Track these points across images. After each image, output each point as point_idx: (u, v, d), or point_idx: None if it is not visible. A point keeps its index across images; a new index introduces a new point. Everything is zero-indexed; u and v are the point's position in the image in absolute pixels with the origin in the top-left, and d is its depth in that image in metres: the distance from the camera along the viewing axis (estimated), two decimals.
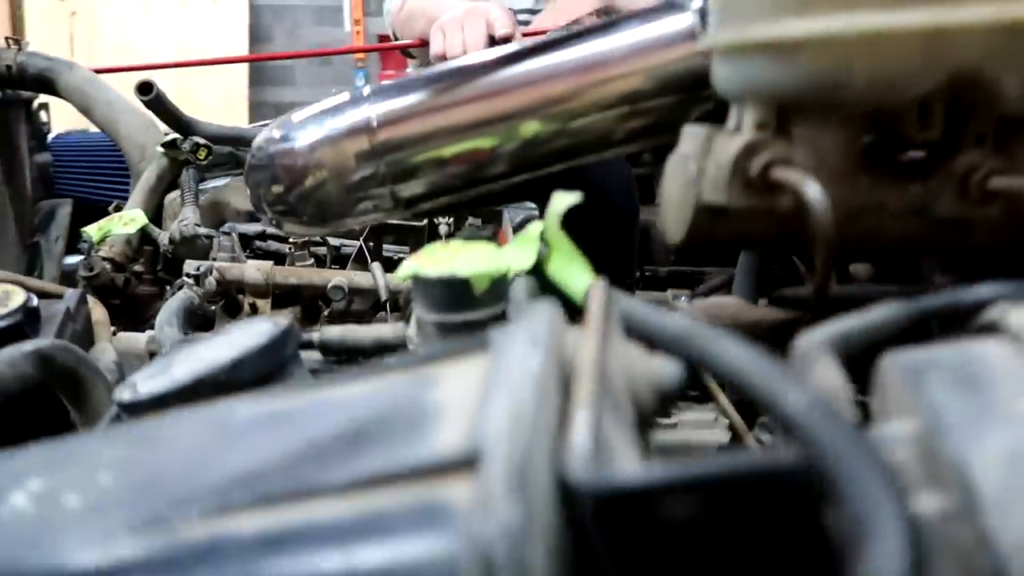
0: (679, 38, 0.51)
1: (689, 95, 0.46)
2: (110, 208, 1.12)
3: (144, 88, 0.89)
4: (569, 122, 0.52)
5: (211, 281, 0.77)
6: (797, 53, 0.35)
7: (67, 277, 1.08)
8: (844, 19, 0.34)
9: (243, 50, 5.21)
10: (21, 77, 1.05)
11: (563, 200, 0.40)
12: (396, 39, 1.73)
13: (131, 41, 4.61)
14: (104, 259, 0.94)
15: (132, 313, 0.98)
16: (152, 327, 0.92)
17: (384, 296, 0.73)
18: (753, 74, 0.37)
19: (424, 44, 1.54)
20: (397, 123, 0.52)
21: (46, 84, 1.13)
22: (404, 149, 0.51)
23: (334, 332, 0.47)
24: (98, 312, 0.67)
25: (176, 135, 1.01)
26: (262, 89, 5.54)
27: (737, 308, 0.44)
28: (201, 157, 0.97)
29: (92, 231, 0.91)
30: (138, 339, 0.71)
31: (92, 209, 1.36)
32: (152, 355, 0.69)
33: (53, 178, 1.35)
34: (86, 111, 1.10)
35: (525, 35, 1.48)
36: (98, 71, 1.28)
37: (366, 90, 0.53)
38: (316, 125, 0.53)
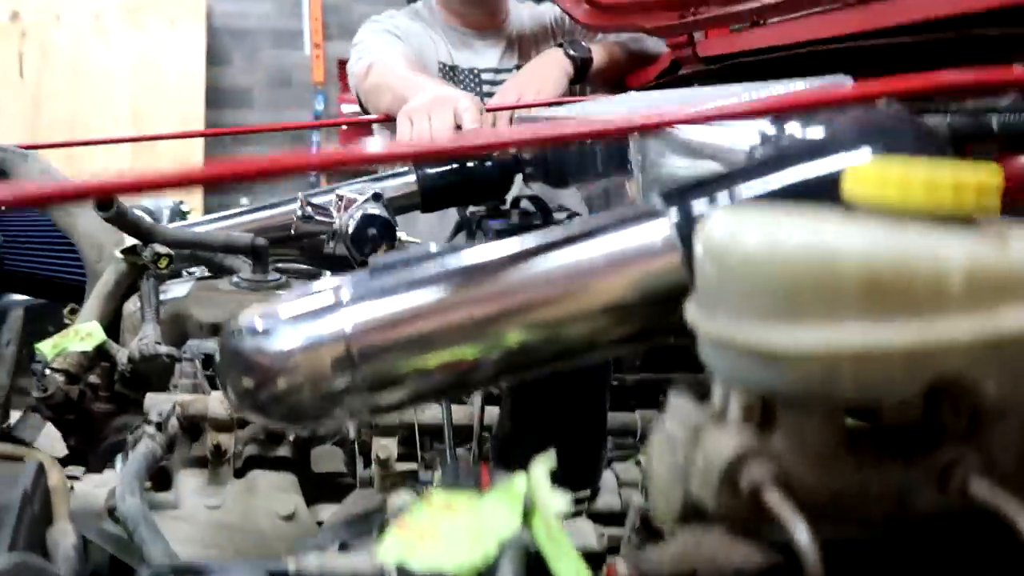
0: (659, 250, 0.52)
1: (675, 302, 0.46)
2: (64, 312, 1.09)
3: (103, 205, 0.87)
4: (554, 329, 0.51)
5: (174, 424, 0.75)
6: (783, 361, 0.35)
7: (19, 390, 1.04)
8: (830, 332, 0.35)
9: (200, 72, 5.10)
10: None
11: (544, 466, 0.40)
12: (360, 101, 1.72)
13: (84, 63, 4.50)
14: (57, 370, 0.91)
15: (87, 430, 0.95)
16: (108, 452, 0.90)
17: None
18: (739, 369, 0.37)
19: (390, 119, 1.54)
20: (375, 332, 0.51)
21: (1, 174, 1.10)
22: (383, 359, 0.51)
23: (311, 563, 0.46)
24: (55, 478, 0.64)
25: (136, 241, 0.98)
26: (219, 112, 5.44)
27: (716, 547, 0.44)
28: (162, 267, 0.95)
29: (46, 348, 0.88)
30: (96, 497, 0.68)
31: (47, 295, 1.32)
32: (111, 513, 0.67)
33: (3, 258, 1.31)
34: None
35: (488, 109, 1.48)
36: (44, 146, 1.26)
37: (345, 293, 0.52)
38: (293, 327, 0.52)
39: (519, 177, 1.09)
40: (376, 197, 0.93)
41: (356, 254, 0.92)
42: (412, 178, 1.14)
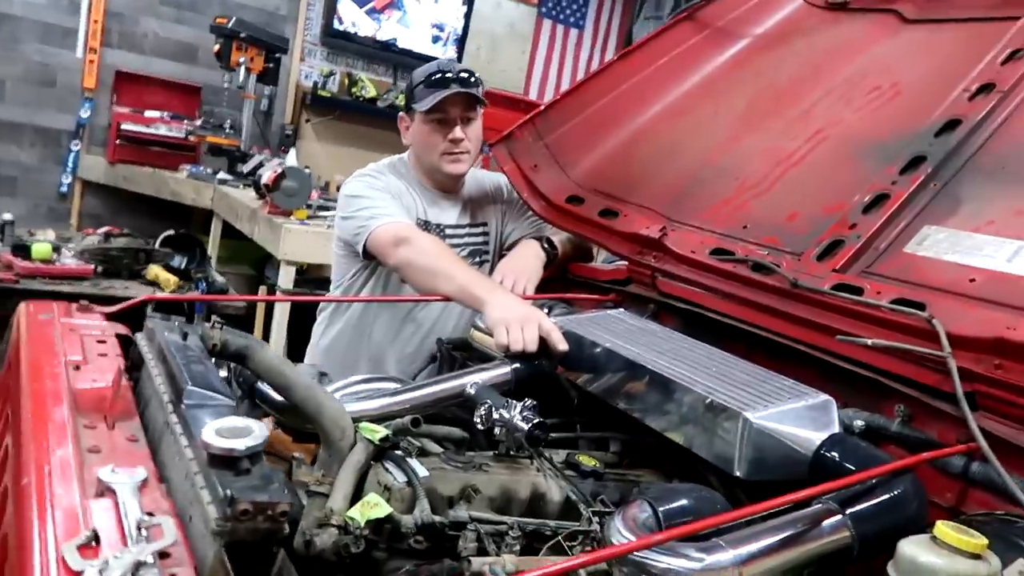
0: None
1: None
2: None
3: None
4: None
5: None
6: None
7: None
8: None
9: None
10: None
11: None
12: (365, 250, 2.06)
13: None
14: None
15: None
16: None
17: None
18: None
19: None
20: None
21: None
22: None
23: None
24: None
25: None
26: None
27: None
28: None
29: (356, 515, 1.14)
30: None
31: None
32: None
33: None
34: None
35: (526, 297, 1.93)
36: None
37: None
38: None
39: None
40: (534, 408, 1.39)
41: (527, 446, 1.37)
42: (506, 369, 1.61)
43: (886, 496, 1.09)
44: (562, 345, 1.60)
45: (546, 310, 1.83)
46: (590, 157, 2.15)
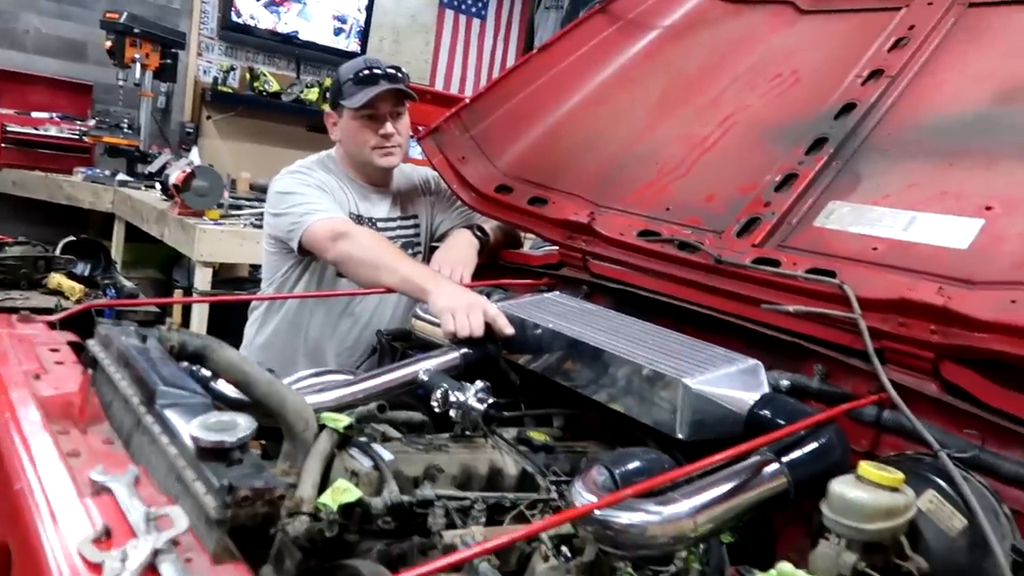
0: None
1: None
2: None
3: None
4: None
5: None
6: None
7: None
8: None
9: None
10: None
11: None
12: (301, 244, 2.06)
13: None
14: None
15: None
16: None
17: None
18: None
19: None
20: None
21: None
22: None
23: None
24: None
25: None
26: None
27: None
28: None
29: (328, 500, 1.18)
30: None
31: None
32: None
33: None
34: None
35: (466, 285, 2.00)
36: None
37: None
38: None
39: None
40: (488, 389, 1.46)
41: (483, 426, 1.44)
42: (455, 355, 1.67)
43: (815, 445, 1.22)
44: (508, 329, 1.67)
45: (484, 296, 1.90)
46: (516, 147, 2.22)
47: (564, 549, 1.23)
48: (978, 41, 1.79)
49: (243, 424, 0.92)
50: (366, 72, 2.10)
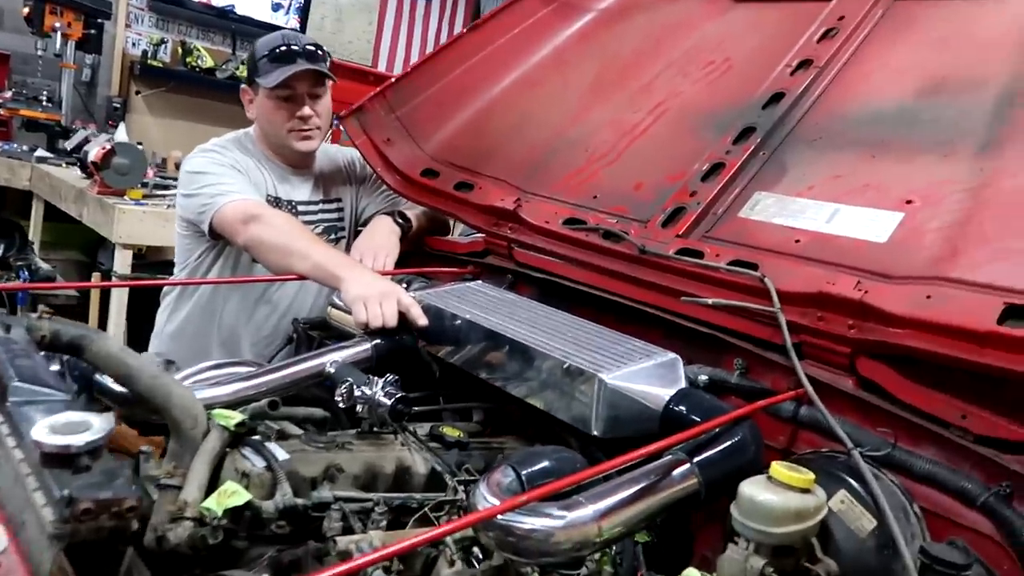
0: None
1: None
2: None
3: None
4: None
5: None
6: None
7: None
8: None
9: None
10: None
11: None
12: (212, 227, 1.95)
13: None
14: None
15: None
16: None
17: None
18: None
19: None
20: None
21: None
22: None
23: None
24: None
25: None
26: None
27: None
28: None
29: (212, 504, 1.10)
30: None
31: None
32: None
33: None
34: None
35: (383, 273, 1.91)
36: None
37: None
38: None
39: None
40: (396, 383, 1.39)
41: (391, 422, 1.36)
42: (366, 346, 1.59)
43: (728, 443, 1.18)
44: (421, 319, 1.60)
45: (405, 284, 1.82)
46: (443, 130, 2.14)
47: (475, 550, 1.17)
48: (904, 34, 1.78)
49: (96, 426, 0.83)
50: (283, 49, 1.99)
